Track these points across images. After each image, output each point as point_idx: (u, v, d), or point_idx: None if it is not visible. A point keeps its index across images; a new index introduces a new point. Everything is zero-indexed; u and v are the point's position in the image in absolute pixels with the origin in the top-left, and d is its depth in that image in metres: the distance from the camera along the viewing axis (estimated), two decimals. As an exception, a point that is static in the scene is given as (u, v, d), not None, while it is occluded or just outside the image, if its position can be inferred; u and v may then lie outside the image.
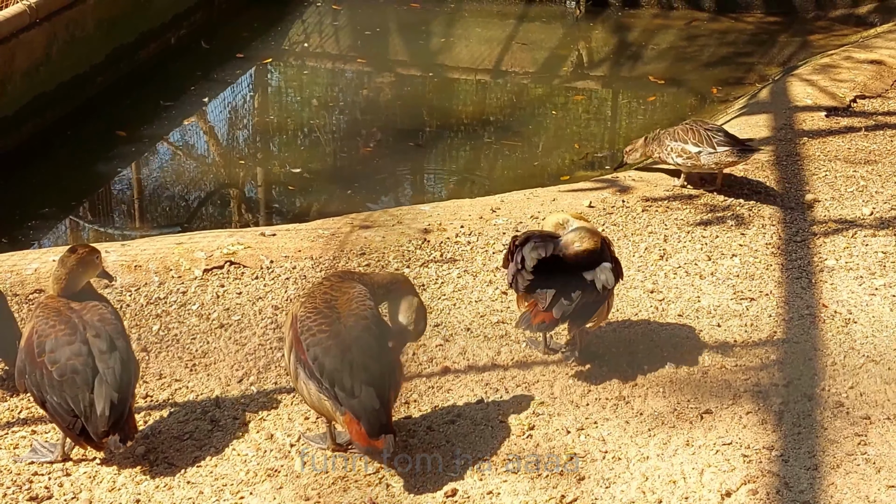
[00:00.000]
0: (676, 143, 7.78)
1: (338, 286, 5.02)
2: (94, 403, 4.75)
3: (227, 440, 5.16)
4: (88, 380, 4.78)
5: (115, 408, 4.76)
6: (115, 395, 4.77)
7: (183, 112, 11.00)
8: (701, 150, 7.67)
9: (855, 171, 8.15)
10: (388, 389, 4.78)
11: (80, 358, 4.81)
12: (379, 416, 4.68)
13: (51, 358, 4.81)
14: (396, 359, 4.95)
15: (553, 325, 5.44)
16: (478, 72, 12.51)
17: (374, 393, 4.70)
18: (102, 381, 4.78)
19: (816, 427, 5.25)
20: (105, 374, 4.80)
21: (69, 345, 4.82)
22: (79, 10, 10.61)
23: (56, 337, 4.85)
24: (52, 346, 4.83)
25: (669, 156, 7.82)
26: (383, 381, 4.76)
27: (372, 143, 10.52)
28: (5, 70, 9.71)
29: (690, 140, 7.73)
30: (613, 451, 5.09)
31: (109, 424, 4.74)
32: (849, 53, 10.88)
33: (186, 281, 6.49)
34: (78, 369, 4.78)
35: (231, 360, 5.79)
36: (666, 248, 7.00)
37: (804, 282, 6.59)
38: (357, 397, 4.68)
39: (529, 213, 7.40)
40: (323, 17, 13.92)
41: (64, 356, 4.80)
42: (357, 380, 4.69)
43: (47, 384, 4.80)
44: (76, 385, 4.77)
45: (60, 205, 9.24)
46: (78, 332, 4.87)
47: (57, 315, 4.94)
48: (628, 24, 13.73)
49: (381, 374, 4.76)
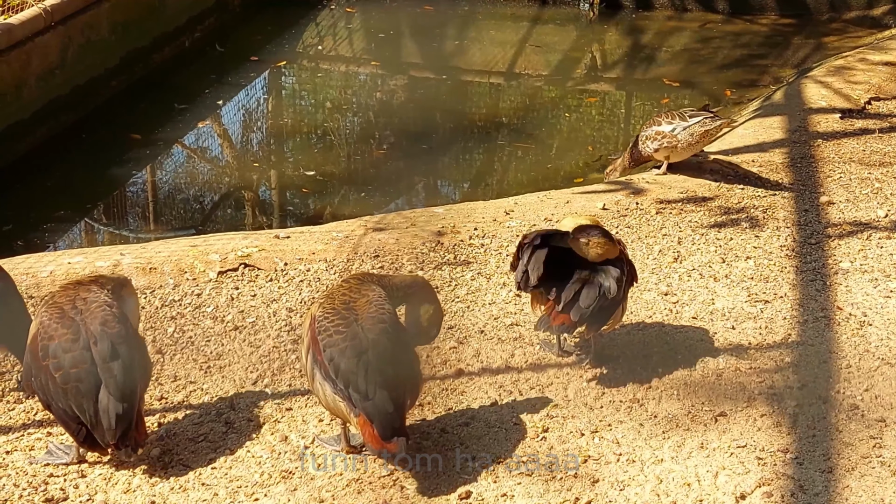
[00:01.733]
0: (650, 128, 7.81)
1: (356, 288, 5.03)
2: (100, 413, 4.73)
3: (242, 442, 5.17)
4: (92, 389, 4.74)
5: (122, 418, 4.73)
6: (119, 405, 4.74)
7: (197, 115, 11.02)
8: (674, 125, 7.68)
9: (870, 173, 8.13)
10: (404, 393, 4.78)
11: (84, 366, 4.75)
12: (392, 420, 4.68)
13: (55, 364, 4.76)
14: (415, 363, 4.95)
15: (572, 328, 5.45)
16: (491, 74, 12.51)
17: (389, 396, 4.70)
18: (106, 390, 4.75)
19: (831, 430, 5.24)
20: (108, 383, 4.75)
21: (72, 352, 4.77)
22: (93, 14, 10.65)
23: (59, 342, 4.80)
24: (55, 351, 4.79)
25: (646, 144, 7.84)
26: (398, 384, 4.76)
27: (385, 146, 10.53)
28: (21, 74, 9.75)
29: (664, 121, 7.76)
30: (628, 454, 5.08)
31: (118, 436, 4.74)
32: (863, 55, 10.86)
33: (201, 283, 6.50)
34: (81, 377, 4.74)
35: (245, 362, 5.81)
36: (680, 250, 6.99)
37: (819, 284, 6.57)
38: (371, 399, 4.68)
39: (543, 215, 7.40)
40: (336, 20, 13.94)
41: (67, 363, 4.76)
42: (372, 382, 4.70)
43: (52, 389, 4.78)
44: (80, 393, 4.73)
45: (75, 208, 9.26)
46: (81, 338, 4.81)
47: (61, 317, 4.88)
48: (642, 26, 13.72)
49: (395, 378, 4.76)
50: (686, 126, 7.68)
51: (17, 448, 5.13)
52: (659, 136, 7.78)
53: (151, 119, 10.76)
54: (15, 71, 9.67)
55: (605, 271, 5.42)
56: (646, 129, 7.93)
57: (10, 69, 9.61)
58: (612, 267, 5.44)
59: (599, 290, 5.39)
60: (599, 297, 5.38)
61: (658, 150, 7.86)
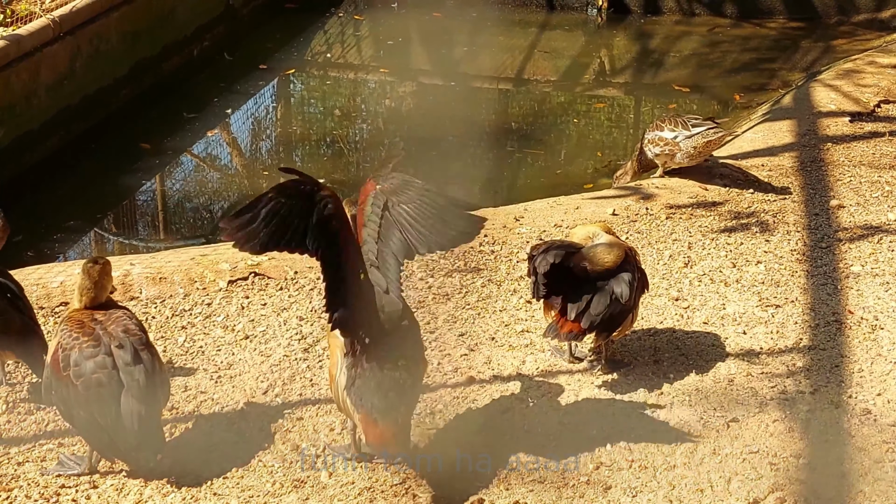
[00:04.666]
0: (653, 132, 7.83)
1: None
2: (121, 417, 4.76)
3: (253, 452, 5.17)
4: (115, 393, 4.78)
5: (144, 421, 4.77)
6: (142, 408, 4.78)
7: (206, 124, 11.04)
8: (677, 133, 7.69)
9: (880, 176, 8.11)
10: (408, 391, 4.76)
11: (105, 370, 4.78)
12: (395, 419, 4.67)
13: (75, 371, 4.79)
14: (421, 364, 4.92)
15: (581, 336, 5.46)
16: (500, 80, 12.51)
17: (392, 396, 4.68)
18: (128, 394, 4.79)
19: (844, 435, 5.23)
20: (130, 386, 4.80)
21: (93, 357, 4.80)
22: (102, 24, 10.67)
23: (80, 350, 4.82)
24: (77, 358, 4.81)
25: (648, 148, 7.87)
26: (402, 384, 4.74)
27: (395, 153, 10.54)
28: (30, 84, 9.77)
29: (667, 127, 7.77)
30: (640, 460, 5.07)
31: (139, 439, 4.75)
32: (872, 58, 10.83)
33: (211, 292, 6.51)
34: (103, 382, 4.78)
35: (256, 371, 5.81)
36: (690, 255, 6.97)
37: (830, 288, 6.56)
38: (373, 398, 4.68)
39: (553, 221, 7.39)
40: (345, 28, 13.95)
41: (88, 369, 4.79)
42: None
43: (73, 398, 4.80)
44: (102, 398, 4.77)
45: (86, 217, 9.28)
46: (102, 344, 4.84)
47: (80, 327, 4.92)
48: (650, 30, 13.71)
49: (399, 378, 4.74)
50: (688, 135, 7.71)
51: (28, 459, 5.14)
52: (661, 142, 7.81)
53: (161, 128, 10.77)
54: (24, 81, 9.69)
55: (618, 277, 5.44)
56: (649, 132, 7.95)
57: (20, 80, 9.63)
58: (625, 272, 5.46)
59: (611, 297, 5.40)
60: (611, 304, 5.39)
61: (658, 156, 7.89)
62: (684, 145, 7.73)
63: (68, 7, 10.27)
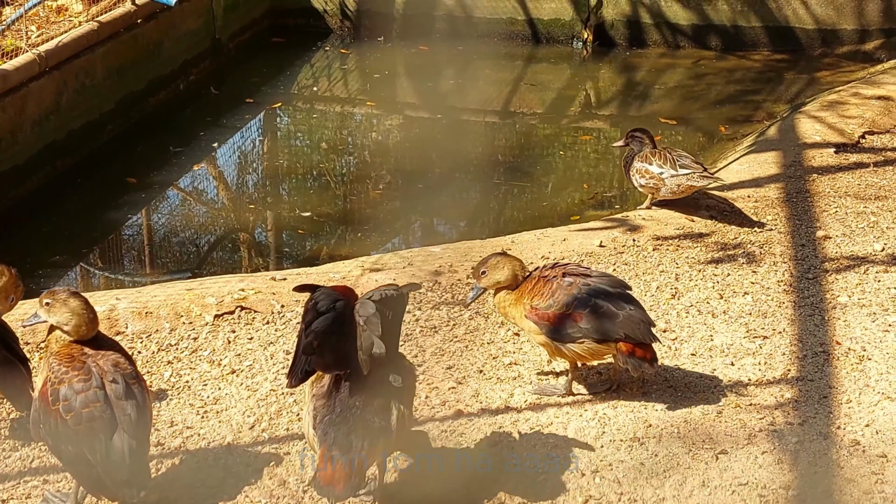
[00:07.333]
0: (642, 164, 7.94)
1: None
2: (111, 452, 4.71)
3: (240, 487, 5.13)
4: (106, 428, 4.72)
5: (134, 456, 4.72)
6: (132, 442, 4.73)
7: (193, 158, 11.03)
8: (663, 171, 7.80)
9: (865, 206, 8.13)
10: (369, 439, 4.69)
11: (97, 405, 4.73)
12: (350, 460, 4.63)
13: (65, 406, 4.73)
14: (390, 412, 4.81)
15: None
16: (487, 113, 12.54)
17: (359, 437, 4.65)
18: (120, 428, 4.74)
19: (833, 466, 5.21)
20: (122, 421, 4.75)
21: (84, 392, 4.75)
22: (88, 59, 10.68)
23: (70, 384, 4.76)
24: (66, 393, 4.75)
25: (634, 177, 7.99)
26: (365, 430, 4.70)
27: (381, 186, 10.54)
28: (16, 119, 9.76)
29: (655, 161, 7.87)
30: (629, 493, 5.05)
31: (129, 475, 4.70)
32: (856, 90, 10.89)
33: (197, 327, 6.48)
34: (94, 416, 4.72)
35: (243, 405, 5.77)
36: (677, 286, 6.98)
37: (817, 319, 6.56)
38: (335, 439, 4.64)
39: (540, 253, 7.39)
40: (331, 62, 13.99)
41: (79, 403, 4.73)
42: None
43: (62, 433, 4.75)
44: (93, 433, 4.72)
45: (71, 252, 9.25)
46: (94, 378, 4.79)
47: (70, 361, 4.86)
48: (635, 63, 13.77)
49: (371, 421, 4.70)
50: (674, 174, 7.80)
51: (13, 496, 5.09)
52: (647, 175, 7.91)
53: (147, 162, 10.77)
54: (10, 116, 9.68)
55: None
56: (638, 161, 8.00)
57: (6, 115, 9.62)
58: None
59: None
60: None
61: (643, 187, 7.99)
62: (669, 182, 7.84)
63: (54, 42, 10.29)
